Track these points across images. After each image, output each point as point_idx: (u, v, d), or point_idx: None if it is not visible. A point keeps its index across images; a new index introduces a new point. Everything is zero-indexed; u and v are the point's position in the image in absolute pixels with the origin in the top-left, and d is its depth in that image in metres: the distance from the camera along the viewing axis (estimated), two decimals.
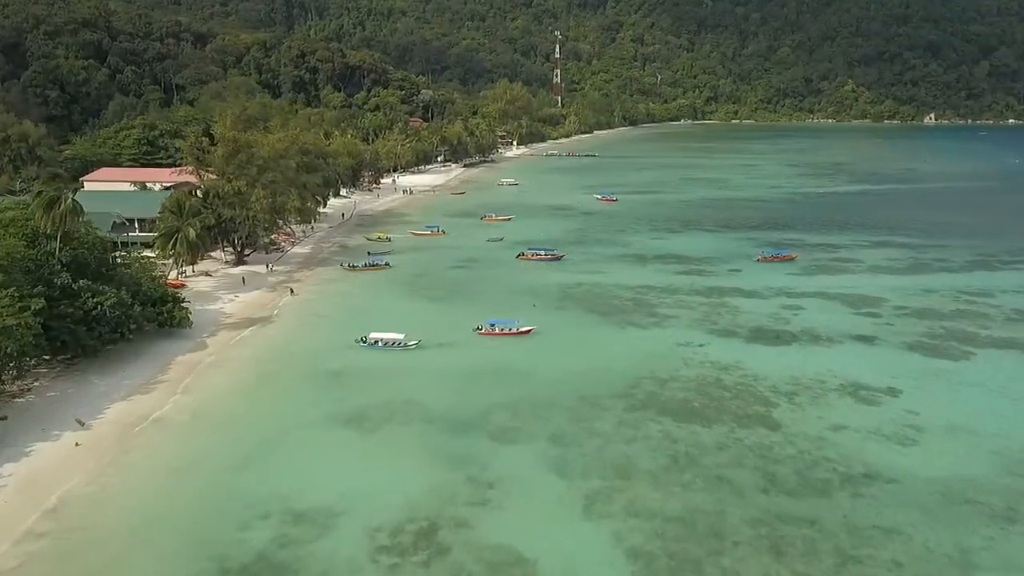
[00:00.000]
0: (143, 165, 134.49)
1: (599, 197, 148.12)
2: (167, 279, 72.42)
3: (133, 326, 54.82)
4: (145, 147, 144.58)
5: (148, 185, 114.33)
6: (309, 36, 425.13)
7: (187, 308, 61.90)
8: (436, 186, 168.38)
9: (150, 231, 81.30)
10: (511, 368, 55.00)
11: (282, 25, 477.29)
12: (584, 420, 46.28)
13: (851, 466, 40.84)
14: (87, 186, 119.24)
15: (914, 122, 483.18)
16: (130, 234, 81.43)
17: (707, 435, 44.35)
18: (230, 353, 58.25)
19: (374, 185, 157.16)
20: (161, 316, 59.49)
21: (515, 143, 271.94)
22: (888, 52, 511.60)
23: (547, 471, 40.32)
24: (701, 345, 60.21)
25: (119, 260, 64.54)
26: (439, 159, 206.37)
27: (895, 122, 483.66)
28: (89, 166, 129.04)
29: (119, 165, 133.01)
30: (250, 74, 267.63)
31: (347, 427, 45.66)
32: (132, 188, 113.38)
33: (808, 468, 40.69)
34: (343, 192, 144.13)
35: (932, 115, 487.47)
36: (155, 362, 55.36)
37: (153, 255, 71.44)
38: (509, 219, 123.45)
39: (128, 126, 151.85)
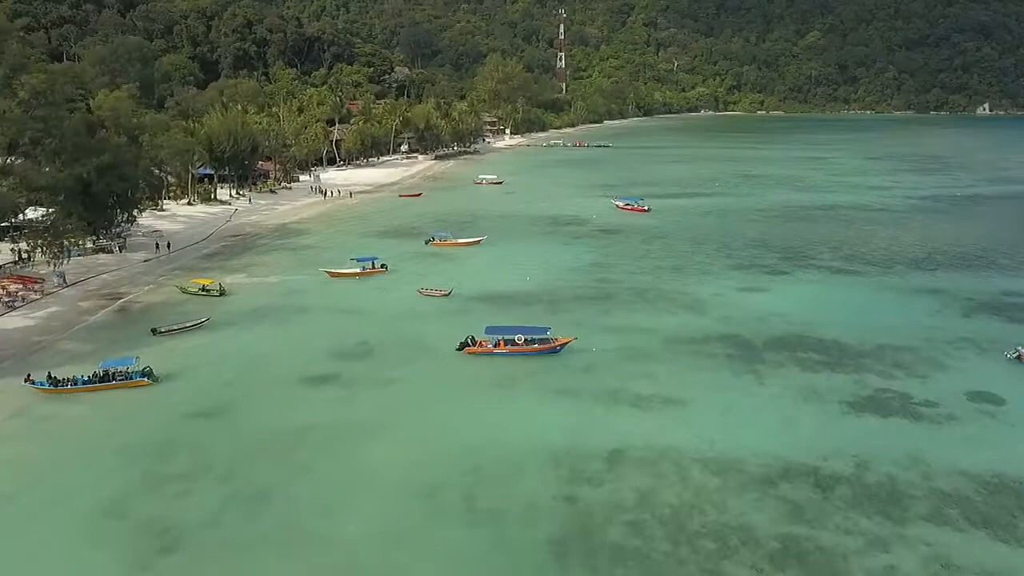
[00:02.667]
0: None
1: (620, 204, 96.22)
2: None
3: None
4: None
5: None
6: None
7: None
8: (383, 185, 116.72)
9: None
10: None
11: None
12: None
13: None
14: None
15: (964, 113, 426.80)
16: None
17: None
18: None
19: (281, 184, 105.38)
20: None
21: (508, 131, 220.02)
22: (933, 35, 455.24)
23: None
24: None
25: None
26: (402, 148, 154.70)
27: (943, 113, 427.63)
28: None
29: None
30: (182, 47, 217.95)
31: None
32: None
33: None
34: (223, 195, 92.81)
35: (986, 105, 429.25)
36: None
37: None
38: (476, 242, 72.28)
39: None
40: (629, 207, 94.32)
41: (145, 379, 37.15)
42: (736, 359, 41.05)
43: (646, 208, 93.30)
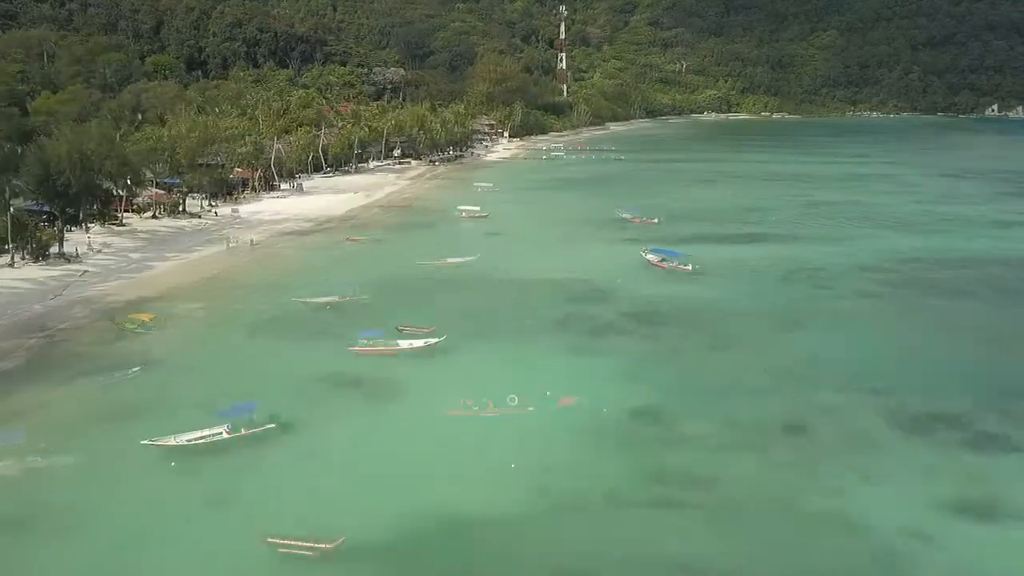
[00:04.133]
0: None
1: (654, 259, 65.58)
2: None
3: None
4: None
5: None
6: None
7: None
8: (330, 218, 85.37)
9: None
10: None
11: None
12: None
13: None
14: None
15: (995, 114, 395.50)
16: None
17: None
18: None
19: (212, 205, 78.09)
20: None
21: (506, 134, 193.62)
22: (960, 33, 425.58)
23: None
24: None
25: None
26: (395, 153, 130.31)
27: (972, 116, 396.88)
28: None
29: None
30: (169, 46, 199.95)
31: None
32: None
33: None
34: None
35: (1021, 107, 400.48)
36: None
37: None
38: (426, 346, 42.52)
39: None
40: (665, 264, 64.12)
41: None
42: None
43: (689, 267, 62.83)
